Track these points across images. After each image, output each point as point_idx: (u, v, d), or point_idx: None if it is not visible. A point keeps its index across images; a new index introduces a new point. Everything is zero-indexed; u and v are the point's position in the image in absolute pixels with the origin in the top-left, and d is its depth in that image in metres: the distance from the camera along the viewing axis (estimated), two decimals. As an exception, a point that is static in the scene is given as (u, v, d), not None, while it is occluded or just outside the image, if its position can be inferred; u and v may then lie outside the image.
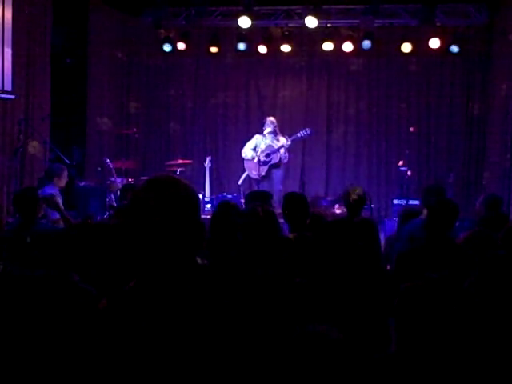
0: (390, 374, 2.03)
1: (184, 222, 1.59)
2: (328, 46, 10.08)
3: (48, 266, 3.21)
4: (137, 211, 1.60)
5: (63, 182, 6.72)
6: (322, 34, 10.04)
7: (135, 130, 10.41)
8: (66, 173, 6.77)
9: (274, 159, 9.03)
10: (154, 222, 1.57)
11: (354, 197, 4.94)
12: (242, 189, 9.56)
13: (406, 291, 2.13)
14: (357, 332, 2.90)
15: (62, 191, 6.74)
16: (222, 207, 4.41)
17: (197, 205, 1.65)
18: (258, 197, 5.14)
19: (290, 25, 10.19)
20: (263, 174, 9.05)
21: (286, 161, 9.17)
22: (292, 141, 9.05)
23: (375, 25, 9.72)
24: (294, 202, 4.52)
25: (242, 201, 8.84)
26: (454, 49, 9.81)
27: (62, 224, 5.68)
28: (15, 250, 4.35)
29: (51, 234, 4.70)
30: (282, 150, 8.98)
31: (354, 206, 4.96)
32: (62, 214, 4.91)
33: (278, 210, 4.75)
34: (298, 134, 9.07)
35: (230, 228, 3.82)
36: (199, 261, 3.51)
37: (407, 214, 5.17)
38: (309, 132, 9.06)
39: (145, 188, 1.64)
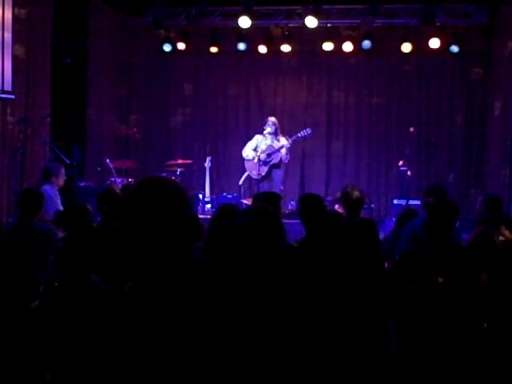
0: (390, 375, 2.03)
1: (177, 219, 1.62)
2: (328, 46, 10.08)
3: (66, 268, 3.22)
4: (130, 211, 1.62)
5: (61, 180, 6.71)
6: (321, 33, 10.04)
7: (135, 129, 10.41)
8: (63, 171, 6.76)
9: (275, 159, 9.02)
10: (148, 221, 1.59)
11: (354, 197, 4.93)
12: (242, 189, 9.56)
13: (408, 294, 2.12)
14: (357, 333, 2.89)
15: (62, 191, 6.74)
16: (222, 212, 4.37)
17: (187, 202, 1.68)
18: (266, 198, 5.13)
19: (290, 25, 10.18)
20: (263, 174, 9.04)
21: (286, 161, 9.15)
22: (293, 141, 9.04)
23: (375, 25, 9.71)
24: (310, 203, 4.50)
25: (243, 201, 8.86)
26: (454, 49, 9.81)
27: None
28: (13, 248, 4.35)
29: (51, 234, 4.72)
30: (283, 151, 8.96)
31: (354, 206, 4.95)
32: None
33: (281, 210, 4.75)
34: (299, 134, 9.05)
35: (229, 232, 3.79)
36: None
37: (405, 215, 5.17)
38: (309, 132, 9.04)
39: (136, 189, 1.66)
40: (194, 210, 3.79)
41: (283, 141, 8.99)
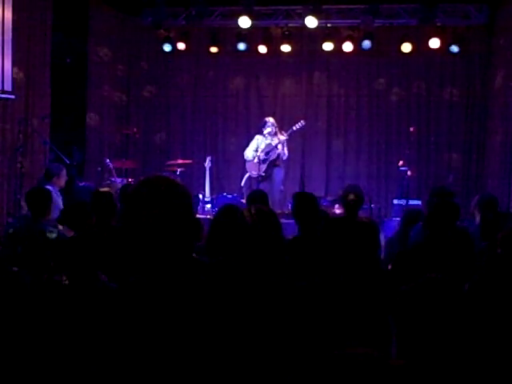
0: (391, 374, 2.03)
1: (179, 219, 1.61)
2: (328, 46, 10.08)
3: (73, 267, 3.23)
4: (133, 211, 1.61)
5: (62, 181, 6.72)
6: (321, 33, 10.04)
7: (135, 129, 10.41)
8: (64, 172, 6.78)
9: (272, 156, 9.09)
10: (150, 220, 1.59)
11: (352, 197, 4.93)
12: (244, 190, 9.55)
13: (406, 292, 2.12)
14: (358, 332, 2.89)
15: (62, 191, 6.74)
16: (225, 212, 4.36)
17: (190, 201, 1.67)
18: (257, 197, 5.15)
19: (290, 25, 10.19)
20: (263, 173, 9.06)
21: (285, 157, 9.20)
22: (289, 135, 9.11)
23: (375, 25, 9.72)
24: (304, 201, 4.50)
25: (243, 201, 8.85)
26: (454, 49, 9.81)
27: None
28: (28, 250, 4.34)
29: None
30: (280, 146, 9.04)
31: (352, 206, 4.95)
32: None
33: (278, 211, 4.76)
34: (294, 128, 9.17)
35: (232, 232, 3.80)
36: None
37: (410, 215, 5.14)
38: (303, 123, 9.17)
39: (139, 188, 1.65)
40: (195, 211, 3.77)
41: (282, 138, 9.08)
